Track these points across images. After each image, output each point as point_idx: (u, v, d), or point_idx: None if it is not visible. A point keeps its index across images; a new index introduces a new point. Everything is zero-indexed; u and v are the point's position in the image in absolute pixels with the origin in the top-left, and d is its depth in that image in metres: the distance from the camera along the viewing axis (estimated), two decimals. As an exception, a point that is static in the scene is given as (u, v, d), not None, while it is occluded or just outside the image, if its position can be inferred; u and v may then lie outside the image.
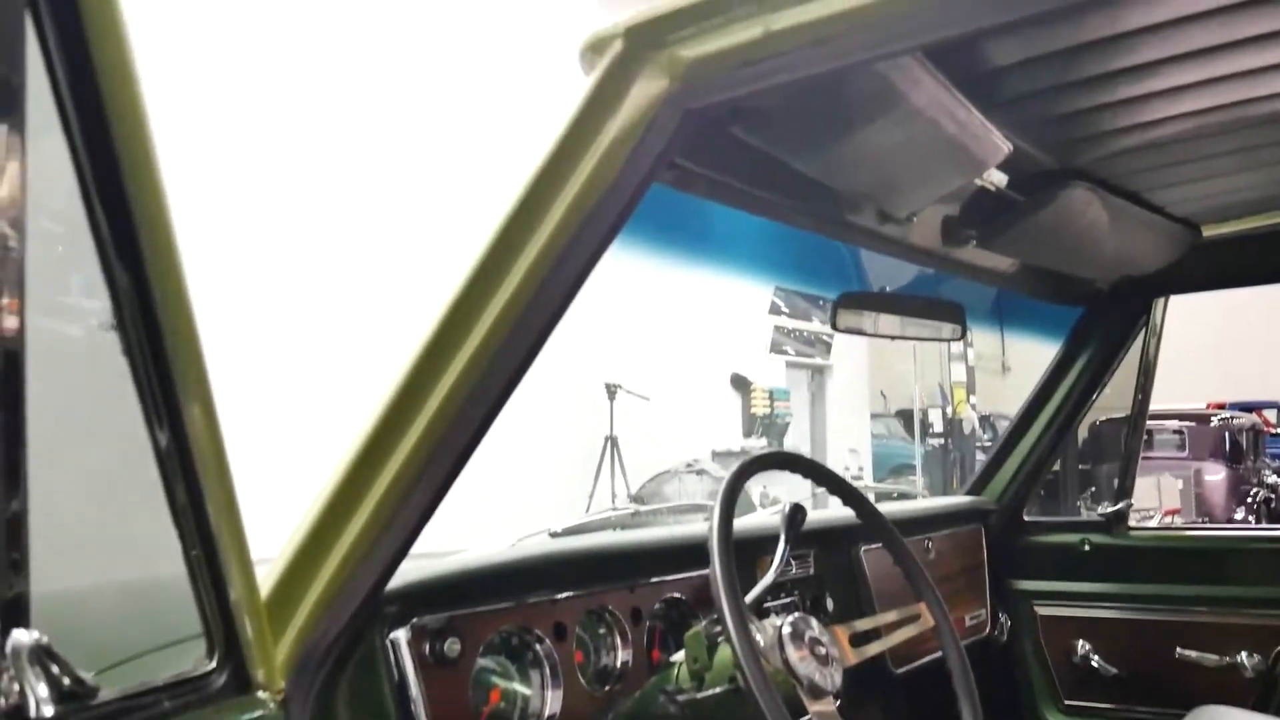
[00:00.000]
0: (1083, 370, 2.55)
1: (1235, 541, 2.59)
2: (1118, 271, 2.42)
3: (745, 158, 1.43)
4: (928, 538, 2.33)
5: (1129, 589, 2.50)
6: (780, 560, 1.65)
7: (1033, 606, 2.58)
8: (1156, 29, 1.40)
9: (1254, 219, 2.32)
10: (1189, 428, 11.56)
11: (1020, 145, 1.72)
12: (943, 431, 13.44)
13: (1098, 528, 2.59)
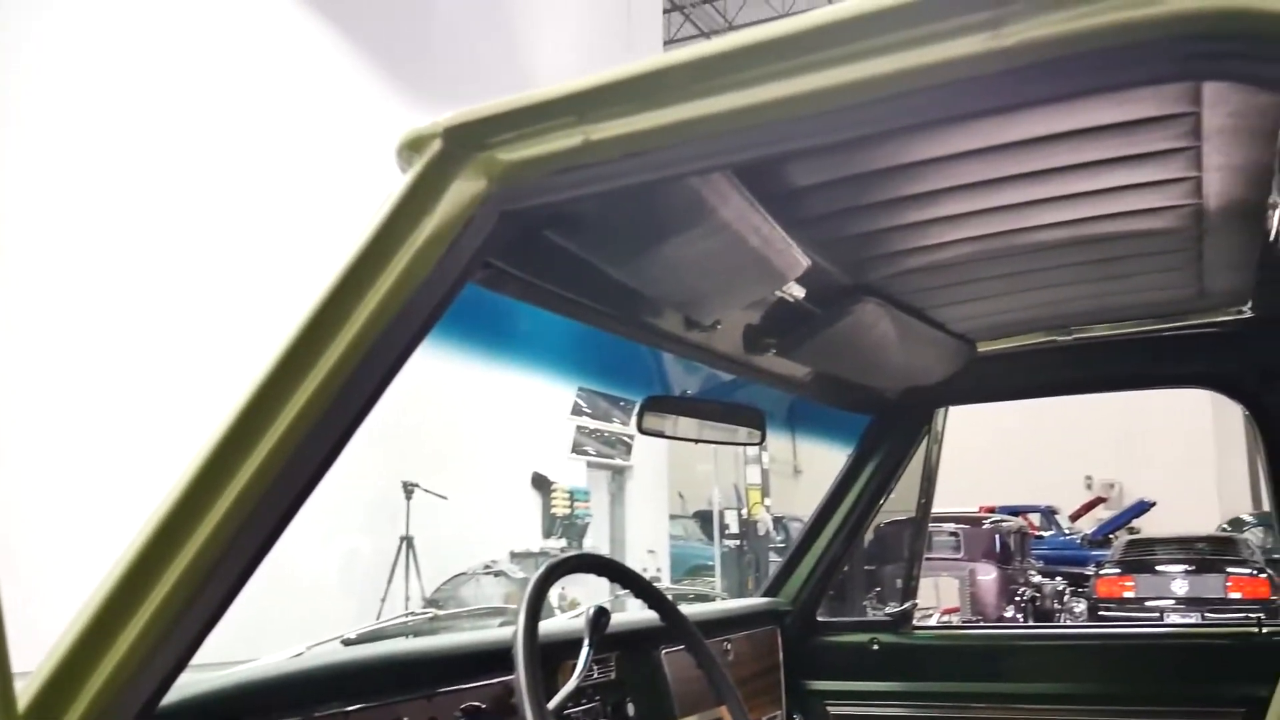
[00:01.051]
0: (871, 475, 2.67)
1: (1006, 639, 2.74)
2: (904, 382, 2.57)
3: (559, 261, 1.45)
4: (726, 639, 2.36)
5: (915, 687, 2.59)
6: (584, 665, 1.63)
7: (825, 707, 2.63)
8: (940, 161, 1.52)
9: (1024, 337, 2.53)
10: (964, 530, 12.26)
11: (818, 261, 1.82)
12: (738, 533, 13.74)
13: (885, 627, 2.69)
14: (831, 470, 2.77)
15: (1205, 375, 2.53)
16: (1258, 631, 2.36)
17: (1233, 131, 1.44)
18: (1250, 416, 2.42)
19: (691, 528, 15.70)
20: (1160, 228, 1.83)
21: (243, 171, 8.09)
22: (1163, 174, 1.60)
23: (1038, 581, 13.45)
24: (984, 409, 2.87)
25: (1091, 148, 1.51)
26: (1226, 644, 2.43)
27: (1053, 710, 2.45)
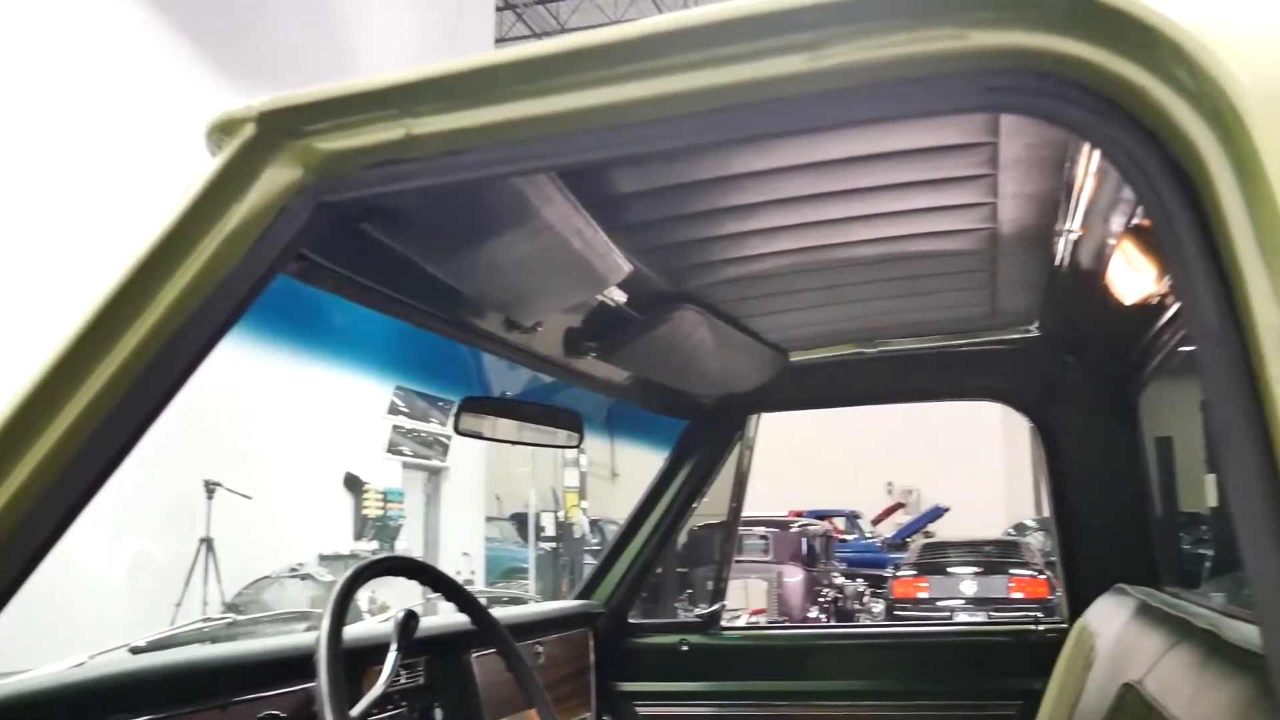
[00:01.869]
0: (686, 479, 2.72)
1: (809, 639, 2.85)
2: (719, 389, 2.63)
3: (377, 256, 1.42)
4: (538, 642, 2.35)
5: (722, 686, 2.66)
6: (390, 670, 1.59)
7: (635, 707, 2.66)
8: (759, 175, 1.57)
9: (833, 348, 2.63)
10: (773, 533, 12.65)
11: (639, 267, 1.84)
12: (555, 535, 13.74)
13: (695, 628, 2.75)
14: (648, 474, 2.81)
15: (996, 389, 2.70)
16: (1035, 629, 2.53)
17: (1026, 162, 1.54)
18: (1034, 429, 2.60)
19: (508, 530, 15.61)
20: (958, 249, 1.94)
21: (46, 150, 7.53)
22: (962, 199, 1.71)
23: (840, 583, 14.02)
24: (794, 416, 2.98)
25: (899, 170, 1.59)
26: (1008, 641, 2.60)
27: (851, 705, 2.56)
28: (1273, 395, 0.60)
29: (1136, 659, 1.42)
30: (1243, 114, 0.65)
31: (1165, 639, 1.37)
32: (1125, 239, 1.66)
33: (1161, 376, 2.40)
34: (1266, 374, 0.60)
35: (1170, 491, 3.66)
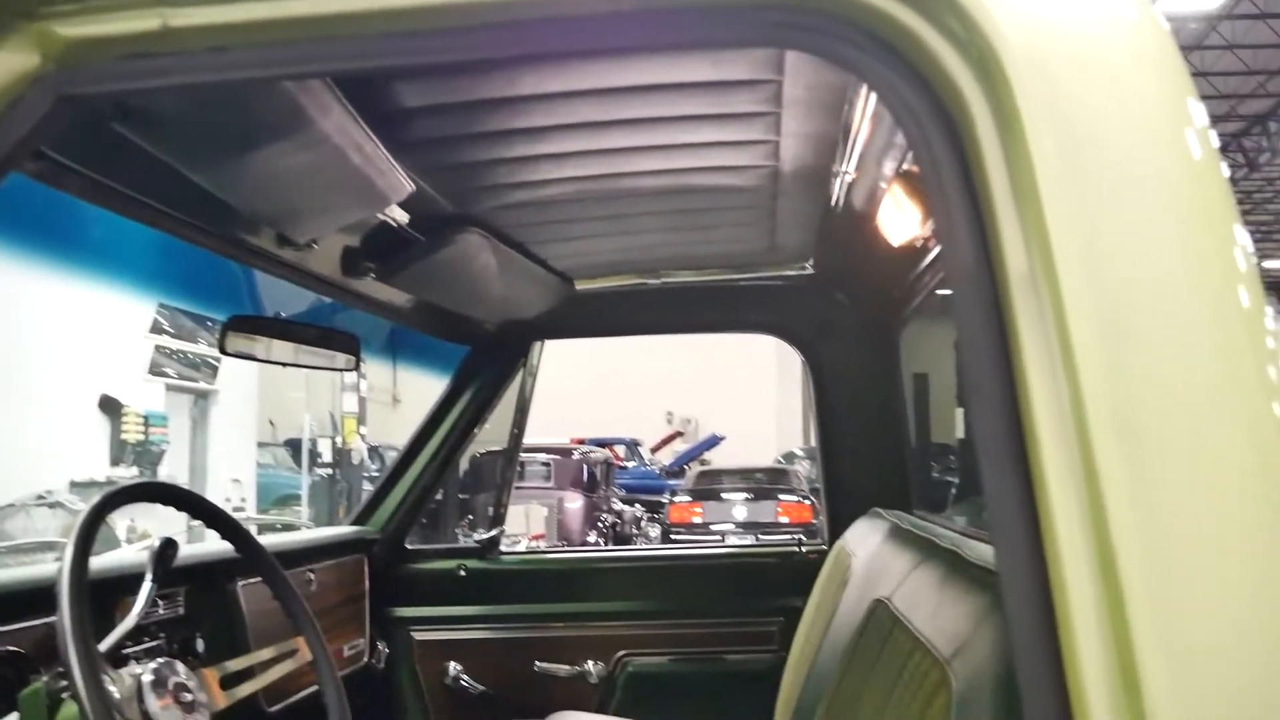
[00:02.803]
0: (467, 405, 2.69)
1: (586, 562, 2.91)
2: (503, 314, 2.61)
3: (132, 160, 1.30)
4: (310, 569, 2.29)
5: (498, 610, 2.67)
6: (144, 601, 1.50)
7: (410, 632, 2.64)
8: (548, 98, 1.54)
9: (619, 278, 2.65)
10: (555, 460, 12.79)
11: (423, 187, 1.78)
12: (332, 461, 13.38)
13: (473, 554, 2.74)
14: (431, 400, 2.76)
15: (771, 324, 2.80)
16: (798, 551, 2.68)
17: (807, 102, 1.58)
18: (805, 362, 2.72)
19: (282, 456, 15.08)
20: (741, 185, 1.98)
21: None
22: (746, 135, 1.74)
23: (619, 509, 14.37)
24: (578, 345, 2.99)
25: (687, 103, 1.59)
26: (772, 562, 2.74)
27: (625, 625, 2.63)
28: (1018, 335, 0.63)
29: (887, 577, 1.52)
30: (1006, 66, 0.69)
31: (913, 558, 1.48)
32: (896, 183, 1.75)
33: (921, 317, 2.56)
34: (1014, 315, 0.64)
35: (924, 424, 3.92)
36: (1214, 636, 0.57)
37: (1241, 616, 0.57)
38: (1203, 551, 0.58)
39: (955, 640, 1.03)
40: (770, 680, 2.33)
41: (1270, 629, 0.57)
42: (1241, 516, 0.59)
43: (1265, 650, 0.57)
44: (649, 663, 2.61)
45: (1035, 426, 0.62)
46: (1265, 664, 0.57)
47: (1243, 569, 0.58)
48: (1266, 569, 0.58)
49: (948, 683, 0.97)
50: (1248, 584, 0.58)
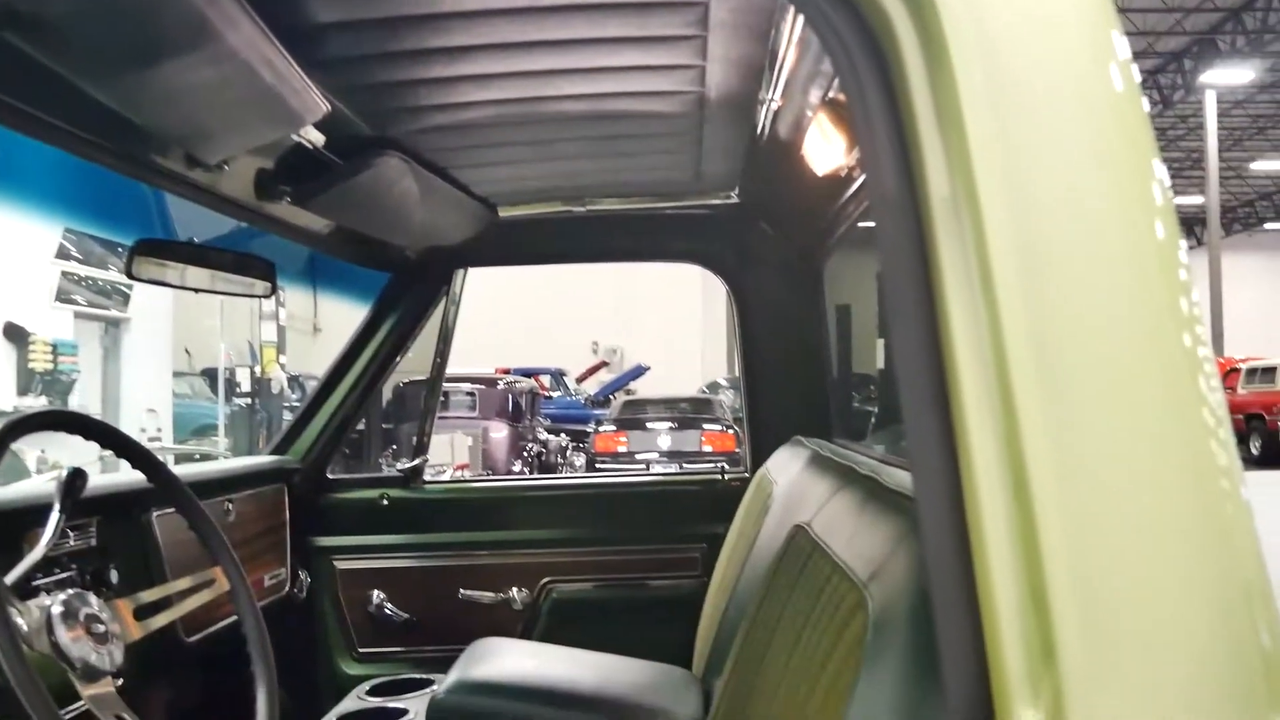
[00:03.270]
0: (389, 333, 2.65)
1: (510, 491, 2.91)
2: (424, 241, 2.56)
3: (22, 71, 1.23)
4: (228, 499, 2.25)
5: (422, 539, 2.67)
6: (52, 532, 1.46)
7: (333, 561, 2.63)
8: (470, 16, 1.49)
9: (543, 205, 2.62)
10: (479, 390, 12.74)
11: (340, 108, 1.72)
12: (250, 391, 13.14)
13: (396, 483, 2.73)
14: (354, 329, 2.71)
15: (696, 252, 2.79)
16: (721, 479, 2.71)
17: (734, 26, 1.56)
18: (729, 292, 2.72)
19: (199, 386, 14.77)
20: (666, 111, 1.96)
21: None
22: (672, 59, 1.71)
23: (545, 438, 14.41)
24: (504, 275, 2.95)
25: (611, 23, 1.56)
26: (696, 489, 2.77)
27: (550, 552, 2.65)
28: (939, 260, 0.64)
29: (807, 503, 1.55)
30: None
31: (832, 485, 1.50)
32: (821, 111, 1.74)
33: (845, 248, 2.57)
34: (935, 241, 0.64)
35: (846, 355, 3.98)
36: (1121, 556, 0.59)
37: (1147, 536, 0.59)
38: (1114, 475, 0.60)
39: (872, 564, 1.05)
40: (692, 605, 2.37)
41: (1174, 546, 0.59)
42: (1151, 441, 0.60)
43: (1166, 566, 0.59)
44: (573, 589, 2.63)
45: (954, 351, 0.62)
46: (1165, 579, 0.58)
47: (1151, 491, 0.60)
48: (1174, 492, 0.60)
49: (864, 605, 0.99)
50: (1155, 505, 0.59)
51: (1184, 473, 0.60)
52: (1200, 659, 0.57)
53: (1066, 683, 0.55)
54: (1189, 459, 0.60)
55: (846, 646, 1.00)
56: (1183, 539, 0.59)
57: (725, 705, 1.46)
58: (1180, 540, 0.59)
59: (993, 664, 0.58)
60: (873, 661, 0.92)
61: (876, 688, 0.90)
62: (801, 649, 1.14)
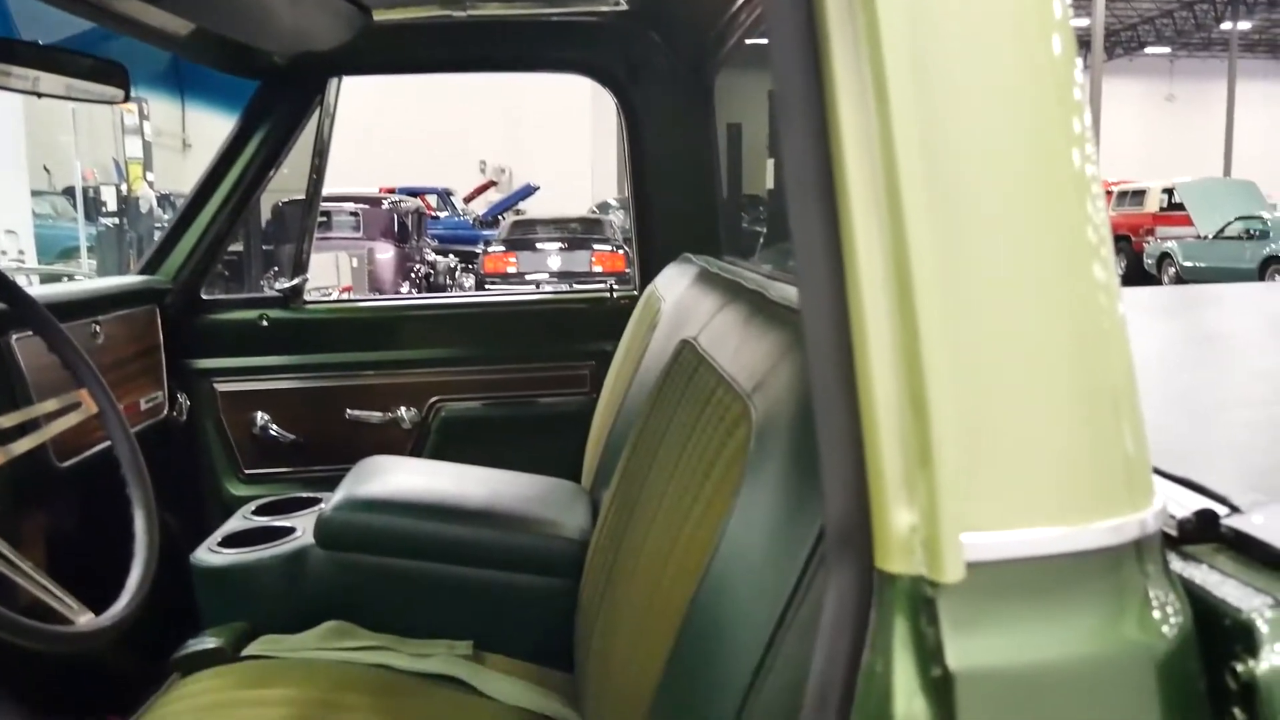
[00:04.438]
0: (259, 146, 2.51)
1: (397, 310, 2.85)
2: (293, 46, 2.40)
3: None
4: (95, 321, 2.15)
5: (305, 360, 2.62)
6: None
7: (212, 384, 2.57)
8: None
9: (420, 9, 2.46)
10: (363, 210, 12.38)
11: None
12: (117, 210, 12.50)
13: (275, 303, 2.65)
14: (224, 143, 2.56)
15: (583, 63, 2.69)
16: (610, 296, 2.71)
17: None
18: (618, 106, 2.65)
19: (63, 205, 14.00)
20: None
21: None
22: None
23: (433, 259, 14.19)
24: (386, 92, 2.80)
25: None
26: (584, 307, 2.76)
27: (439, 371, 2.63)
28: (831, 69, 0.61)
29: (694, 318, 1.55)
30: None
31: (719, 300, 1.50)
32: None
33: (736, 62, 2.51)
34: (830, 50, 0.61)
35: (736, 173, 3.95)
36: (999, 365, 0.59)
37: (1025, 346, 0.60)
38: (997, 287, 0.60)
39: (756, 376, 1.06)
40: (582, 421, 2.40)
41: (1051, 356, 0.60)
42: (1036, 255, 0.60)
43: (1042, 375, 0.60)
44: (462, 408, 2.64)
45: (844, 161, 0.60)
46: (1040, 388, 0.60)
47: (1032, 303, 0.60)
48: (1053, 304, 0.60)
49: (748, 416, 1.00)
50: (1034, 316, 0.60)
51: (1064, 287, 0.60)
52: (1069, 463, 0.59)
53: (941, 485, 0.57)
54: (1070, 274, 0.60)
55: (730, 456, 1.01)
56: (1059, 350, 0.60)
57: (612, 516, 1.49)
58: (1056, 351, 0.60)
59: (871, 468, 0.59)
60: (755, 470, 0.94)
61: (758, 495, 0.92)
62: (686, 460, 1.16)
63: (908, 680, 0.56)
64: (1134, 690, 0.57)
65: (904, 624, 0.57)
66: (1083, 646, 0.57)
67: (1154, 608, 0.58)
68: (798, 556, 0.78)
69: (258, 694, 1.49)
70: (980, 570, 0.56)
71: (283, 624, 1.77)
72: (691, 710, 0.89)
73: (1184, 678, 0.58)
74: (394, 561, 1.83)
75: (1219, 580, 0.63)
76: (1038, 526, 0.58)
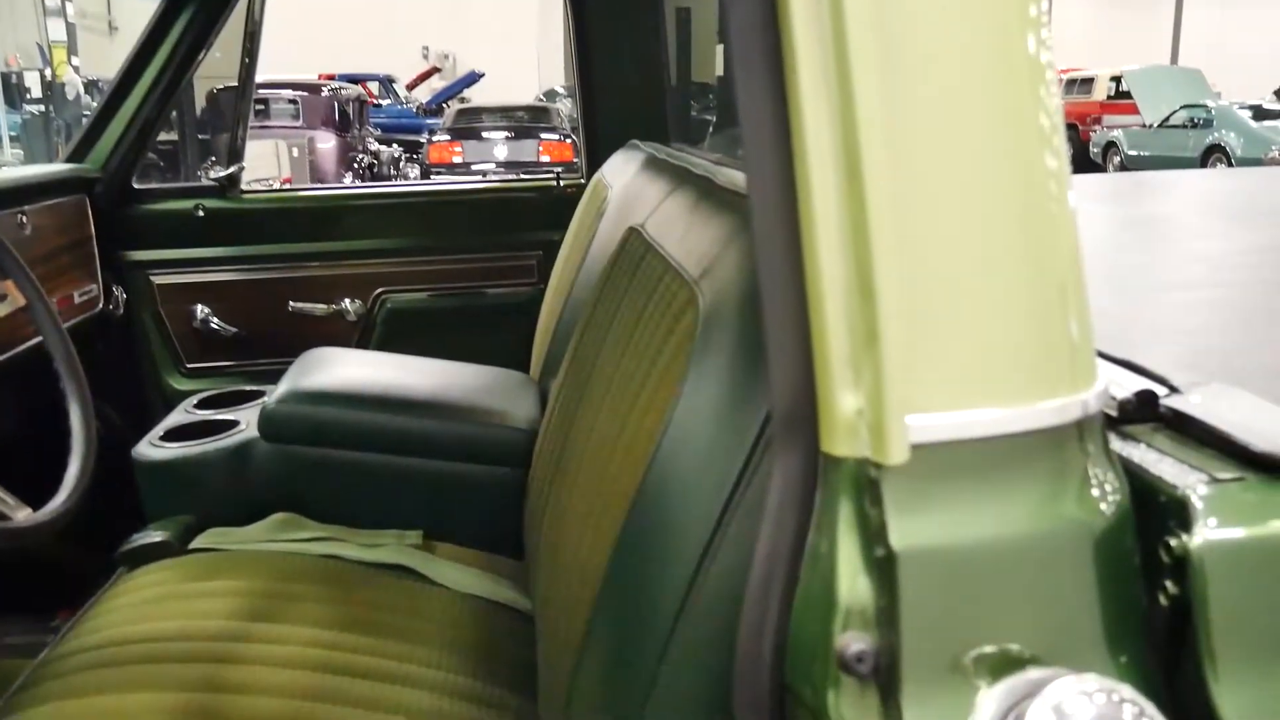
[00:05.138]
0: (187, 26, 2.39)
1: (339, 200, 2.78)
2: None
3: None
4: (20, 211, 2.07)
5: (245, 251, 2.55)
6: None
7: (149, 276, 2.50)
8: None
9: None
10: (303, 98, 12.00)
11: None
12: (44, 97, 12.00)
13: (211, 193, 2.57)
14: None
15: None
16: (556, 185, 2.66)
17: None
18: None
19: (-15, 92, 13.41)
20: None
21: None
22: None
23: (375, 149, 13.86)
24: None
25: None
26: (531, 196, 2.71)
27: (383, 262, 2.59)
28: None
29: (641, 205, 1.53)
30: None
31: (666, 186, 1.48)
32: None
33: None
34: None
35: (685, 58, 3.87)
36: (947, 249, 0.59)
37: (975, 230, 0.59)
38: (947, 170, 0.59)
39: (703, 261, 1.04)
40: (529, 312, 2.38)
41: (999, 242, 0.59)
42: (987, 140, 0.59)
43: (990, 260, 0.59)
44: (408, 299, 2.60)
45: (793, 37, 0.58)
46: (988, 273, 0.59)
47: (982, 188, 0.59)
48: (1004, 190, 0.59)
49: (695, 302, 0.99)
50: (984, 201, 0.59)
51: (1015, 174, 0.59)
52: (1014, 346, 0.59)
53: (887, 367, 0.56)
54: (1021, 161, 0.59)
55: (676, 343, 1.01)
56: (1008, 235, 0.59)
57: (560, 405, 1.49)
58: (1005, 236, 0.59)
59: (817, 351, 0.58)
60: (702, 356, 0.93)
61: (705, 381, 0.91)
62: (633, 348, 1.15)
63: (851, 561, 0.56)
64: (1071, 566, 0.58)
65: (848, 506, 0.57)
66: (1023, 525, 0.57)
67: (1093, 486, 0.59)
68: (744, 441, 0.78)
69: (206, 585, 1.49)
70: (924, 452, 0.56)
71: (229, 517, 1.76)
72: (639, 593, 0.90)
73: (1120, 553, 0.59)
74: (341, 453, 1.82)
75: (1156, 458, 0.64)
76: (981, 408, 0.58)
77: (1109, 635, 0.57)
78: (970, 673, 0.55)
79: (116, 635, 1.37)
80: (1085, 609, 0.57)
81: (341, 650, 1.34)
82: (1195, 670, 0.57)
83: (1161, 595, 0.59)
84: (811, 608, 0.58)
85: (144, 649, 1.32)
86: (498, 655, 1.43)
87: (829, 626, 0.56)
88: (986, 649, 0.55)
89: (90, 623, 1.44)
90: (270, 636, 1.36)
